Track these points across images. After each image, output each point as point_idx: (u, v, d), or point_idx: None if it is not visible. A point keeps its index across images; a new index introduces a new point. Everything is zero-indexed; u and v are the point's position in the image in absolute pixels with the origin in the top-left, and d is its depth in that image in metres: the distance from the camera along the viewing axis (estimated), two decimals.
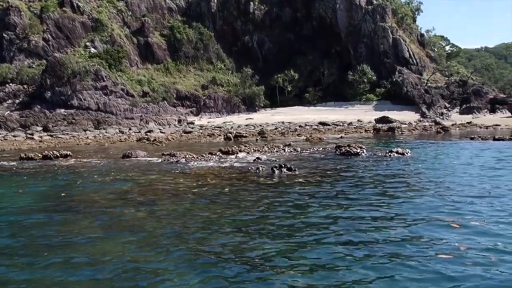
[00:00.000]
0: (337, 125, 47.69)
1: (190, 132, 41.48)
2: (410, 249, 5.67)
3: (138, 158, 17.88)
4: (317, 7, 72.26)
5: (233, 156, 17.54)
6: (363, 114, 57.75)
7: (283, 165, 13.24)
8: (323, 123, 48.06)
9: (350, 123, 49.22)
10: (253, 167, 13.47)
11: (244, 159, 16.26)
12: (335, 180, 11.16)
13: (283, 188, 10.13)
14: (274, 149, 20.04)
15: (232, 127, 46.74)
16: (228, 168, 13.42)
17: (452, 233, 6.25)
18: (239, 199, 9.06)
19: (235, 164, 14.01)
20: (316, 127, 45.71)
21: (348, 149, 17.37)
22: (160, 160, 16.72)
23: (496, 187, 9.63)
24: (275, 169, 13.02)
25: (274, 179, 11.53)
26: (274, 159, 15.60)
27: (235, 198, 9.18)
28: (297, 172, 12.56)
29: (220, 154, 18.08)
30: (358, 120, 52.11)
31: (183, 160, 15.68)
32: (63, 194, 10.14)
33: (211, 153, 18.29)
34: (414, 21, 77.58)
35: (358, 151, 17.22)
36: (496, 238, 5.97)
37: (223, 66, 70.54)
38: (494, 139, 23.84)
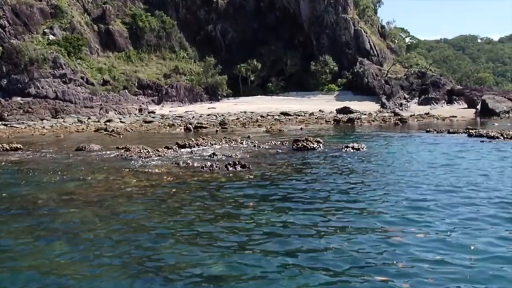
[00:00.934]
0: (298, 115, 47.89)
1: (150, 121, 40.90)
2: (342, 267, 5.53)
3: (91, 152, 17.48)
4: None
5: (189, 150, 17.36)
6: (325, 104, 58.23)
7: (237, 162, 13.17)
8: (285, 113, 48.16)
9: (312, 114, 49.51)
10: (207, 164, 13.35)
11: (200, 154, 16.12)
12: (287, 179, 11.16)
13: (232, 190, 10.05)
14: (232, 142, 19.95)
15: (193, 117, 46.35)
16: (182, 165, 13.25)
17: (393, 246, 6.25)
18: (186, 201, 8.94)
19: (189, 161, 13.84)
20: (278, 117, 45.77)
21: (305, 144, 17.44)
22: (113, 155, 16.39)
23: (444, 191, 9.79)
24: (229, 166, 12.94)
25: (226, 178, 11.44)
26: (230, 154, 15.51)
27: (182, 199, 9.05)
28: (251, 169, 12.53)
29: (176, 148, 17.87)
30: (320, 110, 52.48)
31: (137, 156, 15.42)
32: (4, 194, 9.78)
33: (167, 147, 18.05)
34: (375, 13, 78.59)
35: (315, 146, 17.31)
36: (438, 253, 6.02)
37: (186, 55, 69.82)
38: (449, 132, 24.36)
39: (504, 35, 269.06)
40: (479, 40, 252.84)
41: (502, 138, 19.85)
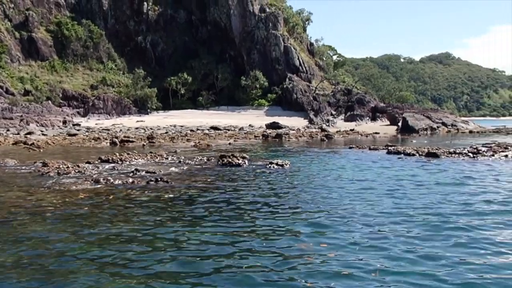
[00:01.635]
0: (228, 130, 48.08)
1: (75, 134, 39.48)
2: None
3: (5, 168, 16.58)
4: (212, 11, 72.62)
5: (112, 166, 16.88)
6: (255, 119, 58.90)
7: (159, 179, 12.98)
8: (214, 128, 48.21)
9: (242, 128, 49.86)
10: (128, 180, 13.04)
11: (122, 170, 15.71)
12: (207, 196, 11.09)
13: (151, 208, 9.85)
14: (158, 157, 19.62)
15: (121, 130, 45.30)
16: (101, 182, 12.84)
17: (301, 264, 6.31)
18: (100, 220, 8.64)
19: (110, 177, 13.44)
20: (207, 131, 45.71)
21: (230, 160, 17.48)
22: (29, 171, 15.63)
23: (360, 204, 10.08)
24: (150, 182, 12.72)
25: (147, 195, 11.20)
26: (154, 170, 15.23)
27: (97, 218, 8.74)
28: (173, 186, 12.36)
29: (98, 164, 17.33)
30: (250, 125, 52.98)
31: (55, 172, 14.78)
32: None
33: (89, 162, 17.48)
34: (304, 30, 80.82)
35: (240, 162, 17.38)
36: (346, 267, 6.15)
37: (114, 66, 68.42)
38: (370, 149, 25.28)
39: (425, 56, 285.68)
40: (402, 60, 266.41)
41: (417, 155, 20.85)
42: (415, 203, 10.14)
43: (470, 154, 20.50)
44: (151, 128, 47.64)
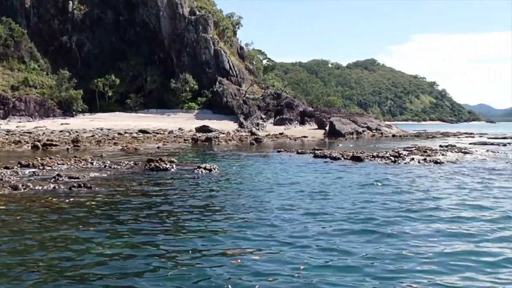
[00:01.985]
0: (157, 133, 47.46)
1: None
2: None
3: None
4: (141, 12, 71.40)
5: (33, 171, 16.21)
6: (185, 122, 58.50)
7: (82, 184, 12.64)
8: (143, 131, 47.42)
9: (171, 132, 49.37)
10: (50, 186, 12.60)
11: (44, 176, 15.13)
12: (132, 202, 10.90)
13: (72, 215, 9.58)
14: (82, 162, 19.05)
15: (44, 133, 43.50)
16: (20, 188, 12.31)
17: (230, 268, 6.38)
18: (18, 228, 8.31)
19: (30, 183, 12.92)
20: (135, 135, 44.85)
21: (158, 164, 17.31)
22: None
23: (285, 209, 10.33)
24: (73, 188, 12.37)
25: (68, 201, 10.87)
26: (77, 175, 14.79)
27: (13, 227, 8.39)
28: (97, 191, 12.08)
29: (18, 169, 16.59)
30: (180, 129, 52.53)
31: None
32: None
33: (7, 167, 16.68)
34: (235, 34, 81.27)
35: (168, 166, 17.25)
36: (271, 269, 6.28)
37: (37, 67, 65.56)
38: (298, 153, 25.85)
39: (351, 61, 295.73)
40: (330, 65, 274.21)
41: (342, 158, 21.59)
42: (338, 204, 10.56)
43: (391, 157, 21.47)
44: (76, 131, 46.09)
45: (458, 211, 9.96)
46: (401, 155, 22.52)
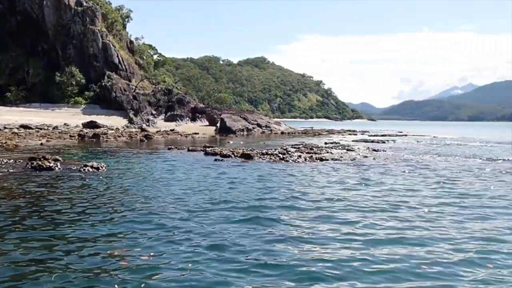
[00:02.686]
0: (41, 129, 45.15)
1: None
2: None
3: None
4: (22, 1, 66.92)
5: None
6: (71, 117, 56.21)
7: None
8: (25, 126, 44.82)
9: (56, 127, 47.22)
10: None
11: None
12: (11, 205, 10.31)
13: None
14: None
15: None
16: None
17: (119, 270, 6.61)
18: None
19: None
20: (16, 130, 42.29)
21: (41, 163, 16.75)
22: None
23: (175, 206, 10.69)
24: None
25: None
26: None
27: None
28: None
29: None
30: (65, 124, 50.43)
31: None
32: None
33: None
34: (124, 27, 79.20)
35: (52, 165, 16.72)
36: (153, 268, 6.54)
37: None
38: (188, 150, 26.21)
39: (242, 59, 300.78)
40: (221, 62, 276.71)
41: (233, 156, 22.31)
42: (227, 198, 11.14)
43: (280, 155, 22.54)
44: None
45: (333, 204, 11.01)
46: (289, 152, 23.79)
